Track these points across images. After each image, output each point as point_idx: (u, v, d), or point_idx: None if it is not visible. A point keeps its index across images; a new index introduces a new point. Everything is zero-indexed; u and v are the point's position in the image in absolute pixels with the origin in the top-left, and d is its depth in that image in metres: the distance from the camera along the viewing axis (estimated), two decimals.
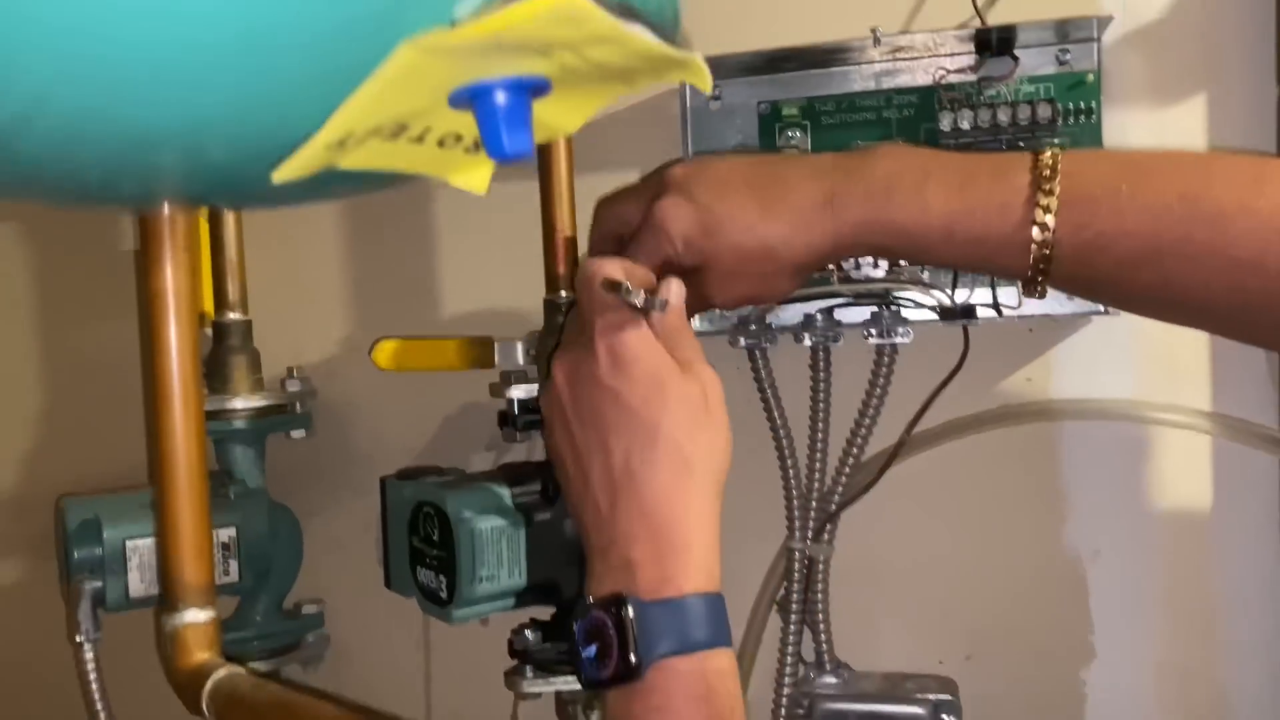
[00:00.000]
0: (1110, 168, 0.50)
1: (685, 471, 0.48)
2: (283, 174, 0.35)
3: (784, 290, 0.57)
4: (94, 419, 0.95)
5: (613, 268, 0.51)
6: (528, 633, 0.67)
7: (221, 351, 0.78)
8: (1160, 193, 0.48)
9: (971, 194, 0.51)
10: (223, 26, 0.30)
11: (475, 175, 0.42)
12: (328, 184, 0.39)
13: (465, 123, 0.38)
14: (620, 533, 0.48)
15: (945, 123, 0.68)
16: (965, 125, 0.68)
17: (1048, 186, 0.49)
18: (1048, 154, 0.50)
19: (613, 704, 0.47)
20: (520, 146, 0.36)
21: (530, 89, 0.37)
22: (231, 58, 0.31)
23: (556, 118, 0.42)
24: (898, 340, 0.69)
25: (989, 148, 0.69)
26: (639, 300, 0.49)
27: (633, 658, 0.45)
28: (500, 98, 0.35)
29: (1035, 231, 0.49)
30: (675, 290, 0.52)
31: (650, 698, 0.46)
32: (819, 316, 0.70)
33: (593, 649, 0.47)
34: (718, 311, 0.74)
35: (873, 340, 0.69)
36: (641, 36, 0.36)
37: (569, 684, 0.66)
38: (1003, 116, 0.67)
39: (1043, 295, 0.52)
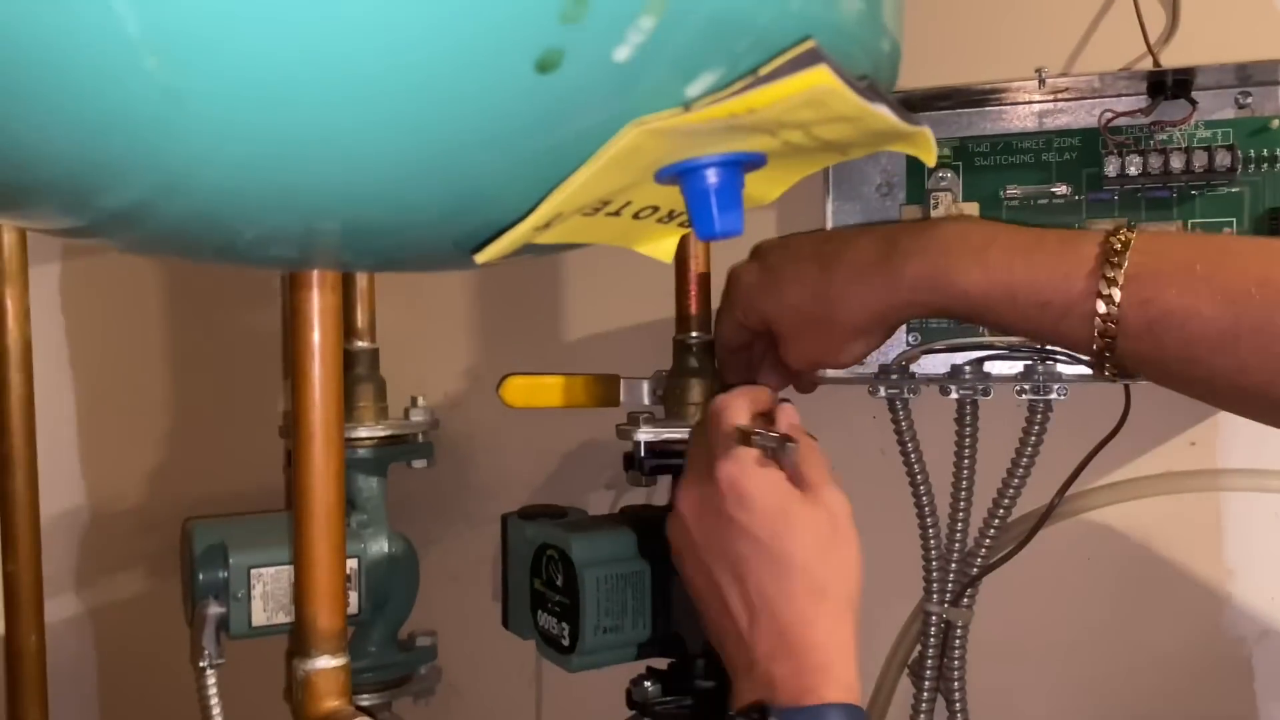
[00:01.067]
0: (1186, 248, 0.49)
1: (820, 596, 0.49)
2: (486, 256, 0.35)
3: (853, 353, 0.58)
4: (223, 437, 0.96)
5: (739, 407, 0.54)
6: (647, 684, 0.65)
7: (348, 380, 0.78)
8: (1238, 275, 0.46)
9: (1036, 260, 0.51)
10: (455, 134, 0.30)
11: (663, 244, 0.41)
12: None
13: (664, 195, 0.36)
14: (761, 654, 0.49)
15: (1111, 168, 0.64)
16: (1133, 171, 0.64)
17: (1115, 259, 0.48)
18: (1122, 231, 0.50)
19: None
20: (731, 226, 0.34)
21: (743, 165, 0.35)
22: (452, 157, 0.30)
23: (758, 188, 0.40)
24: (1052, 397, 0.65)
25: (1158, 195, 0.65)
26: (767, 445, 0.51)
27: None
28: (712, 177, 0.34)
29: (1100, 304, 0.48)
30: (792, 418, 0.55)
31: None
32: (967, 368, 0.66)
33: None
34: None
35: (1025, 396, 0.65)
36: (884, 114, 0.34)
37: None
38: (1176, 163, 0.63)
39: (1113, 376, 0.51)
